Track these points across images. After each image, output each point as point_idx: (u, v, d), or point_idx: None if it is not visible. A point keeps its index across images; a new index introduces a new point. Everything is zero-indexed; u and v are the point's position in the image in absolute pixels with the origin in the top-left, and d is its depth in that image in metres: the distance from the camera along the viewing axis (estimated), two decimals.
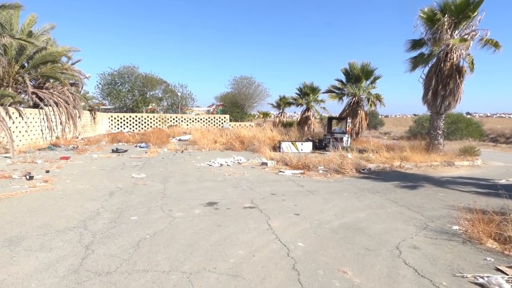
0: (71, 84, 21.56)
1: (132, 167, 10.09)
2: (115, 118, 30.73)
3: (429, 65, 13.73)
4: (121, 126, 30.63)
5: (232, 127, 31.90)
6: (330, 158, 11.09)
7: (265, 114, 41.07)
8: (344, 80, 20.33)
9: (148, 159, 12.11)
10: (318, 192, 7.16)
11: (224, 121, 34.12)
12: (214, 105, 40.74)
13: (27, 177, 7.52)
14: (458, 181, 9.11)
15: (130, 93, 34.05)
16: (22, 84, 16.16)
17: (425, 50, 13.95)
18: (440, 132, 13.51)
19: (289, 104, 30.63)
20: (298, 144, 15.97)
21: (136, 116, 31.36)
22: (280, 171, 10.00)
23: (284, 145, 15.81)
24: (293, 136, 19.94)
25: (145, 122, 31.15)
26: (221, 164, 11.02)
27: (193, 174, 9.06)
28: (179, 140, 21.44)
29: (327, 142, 16.85)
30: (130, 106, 34.33)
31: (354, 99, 19.78)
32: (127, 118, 30.99)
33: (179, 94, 36.59)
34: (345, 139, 16.76)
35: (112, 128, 30.31)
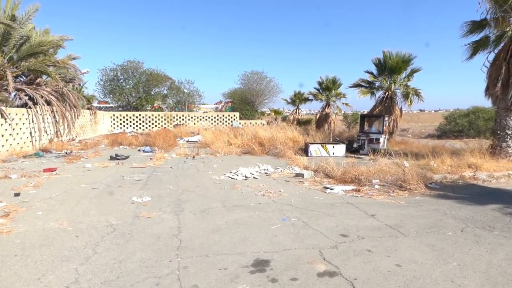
0: (67, 81, 19.35)
1: (133, 183, 7.80)
2: (117, 117, 28.56)
3: (495, 51, 11.24)
4: (124, 126, 28.47)
5: (242, 125, 29.70)
6: (383, 168, 8.69)
7: (277, 112, 38.63)
8: (375, 72, 17.85)
9: (154, 169, 9.82)
10: (406, 229, 4.80)
11: (234, 119, 31.89)
12: (223, 102, 38.41)
13: None
14: None
15: (134, 90, 31.82)
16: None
17: (489, 32, 11.45)
18: (509, 132, 11.03)
19: (305, 100, 28.21)
20: (329, 147, 13.60)
21: (140, 115, 29.19)
22: (326, 187, 7.65)
23: (313, 148, 13.46)
24: (317, 137, 17.58)
25: (149, 122, 28.97)
26: (246, 177, 8.69)
27: (215, 195, 6.74)
28: (188, 141, 19.18)
29: (362, 144, 14.44)
30: (134, 104, 32.11)
31: (387, 94, 17.31)
32: (130, 117, 28.82)
33: (186, 90, 34.30)
34: (381, 140, 14.37)
35: (114, 128, 28.16)
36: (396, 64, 16.32)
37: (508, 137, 11.08)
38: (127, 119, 28.70)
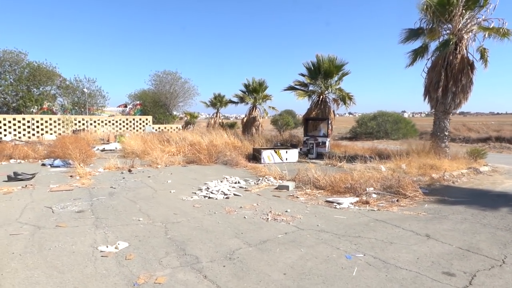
0: None
1: (75, 217, 5.27)
2: None
3: (432, 58, 12.06)
4: (0, 133, 22.26)
5: (157, 130, 26.86)
6: (375, 175, 8.06)
7: (192, 115, 36.20)
8: (308, 76, 17.79)
9: (89, 192, 7.15)
10: (489, 252, 4.05)
11: (146, 124, 28.63)
12: (130, 105, 34.08)
13: None
14: None
15: (14, 88, 25.33)
16: None
17: (424, 40, 12.26)
18: (447, 133, 11.97)
19: (229, 103, 26.78)
20: (282, 152, 12.68)
21: (24, 119, 23.31)
22: (328, 201, 6.59)
23: (265, 154, 12.34)
24: (256, 142, 16.56)
25: (39, 127, 23.42)
26: (225, 194, 6.95)
27: (215, 226, 4.91)
28: (103, 150, 15.80)
29: (310, 148, 13.99)
30: (14, 105, 25.59)
31: (321, 97, 17.43)
32: (9, 122, 22.72)
33: (86, 90, 29.12)
34: (327, 143, 14.20)
35: None
36: (329, 68, 16.51)
37: (446, 138, 12.02)
38: (4, 124, 22.54)
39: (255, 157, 12.63)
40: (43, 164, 11.07)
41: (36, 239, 4.24)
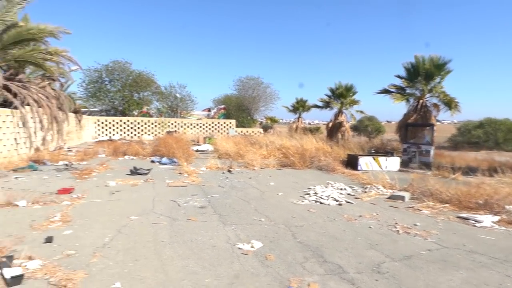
0: (53, 78, 16.35)
1: (200, 212, 5.49)
2: (102, 123, 25.44)
3: None
4: (109, 133, 25.40)
5: (240, 133, 27.71)
6: (504, 190, 6.89)
7: (272, 120, 36.70)
8: (406, 78, 16.48)
9: (201, 189, 7.49)
10: None
11: (230, 127, 29.75)
12: (215, 109, 36.00)
13: None
14: None
15: (121, 93, 28.75)
16: None
17: None
18: None
19: (310, 107, 26.60)
20: (381, 160, 11.83)
21: (128, 121, 26.22)
22: (460, 217, 5.77)
23: (363, 161, 11.65)
24: (348, 147, 15.84)
25: (138, 128, 26.10)
26: (337, 201, 6.61)
27: (341, 234, 4.61)
28: (197, 151, 16.77)
29: (412, 156, 12.80)
30: (121, 108, 29.01)
31: (421, 101, 15.95)
32: (117, 123, 25.78)
33: (178, 95, 31.63)
34: (431, 152, 12.81)
35: (99, 135, 25.03)
36: (430, 68, 15.01)
37: None
38: (113, 125, 25.66)
39: (350, 163, 12.00)
40: (152, 161, 12.12)
41: (175, 230, 4.47)
